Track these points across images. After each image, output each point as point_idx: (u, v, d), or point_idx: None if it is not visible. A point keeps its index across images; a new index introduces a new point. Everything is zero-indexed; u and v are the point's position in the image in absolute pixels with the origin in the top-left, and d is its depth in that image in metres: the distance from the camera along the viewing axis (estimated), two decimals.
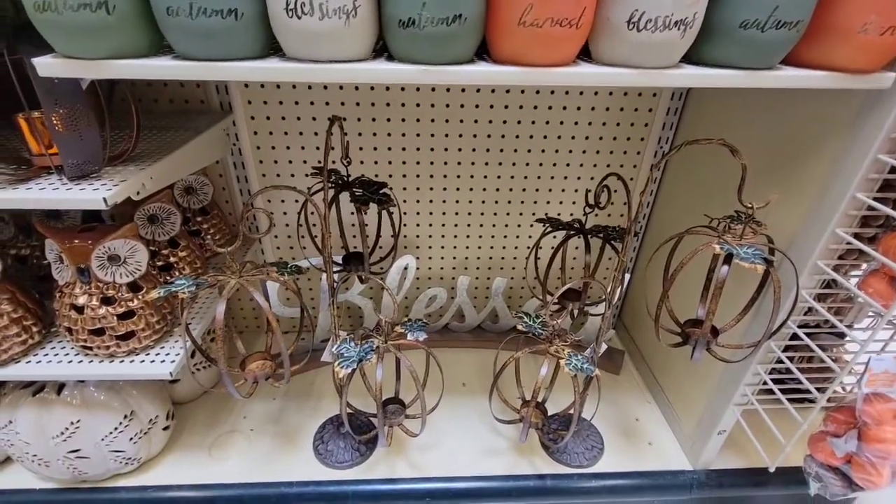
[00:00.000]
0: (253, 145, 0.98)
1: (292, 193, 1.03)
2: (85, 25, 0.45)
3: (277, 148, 0.98)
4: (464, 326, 1.23)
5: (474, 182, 1.06)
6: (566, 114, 0.97)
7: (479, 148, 1.01)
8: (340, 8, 0.46)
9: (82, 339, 0.70)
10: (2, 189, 0.57)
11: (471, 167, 1.03)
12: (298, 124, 0.96)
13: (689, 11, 0.48)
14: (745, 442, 0.94)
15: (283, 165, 1.01)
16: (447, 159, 1.02)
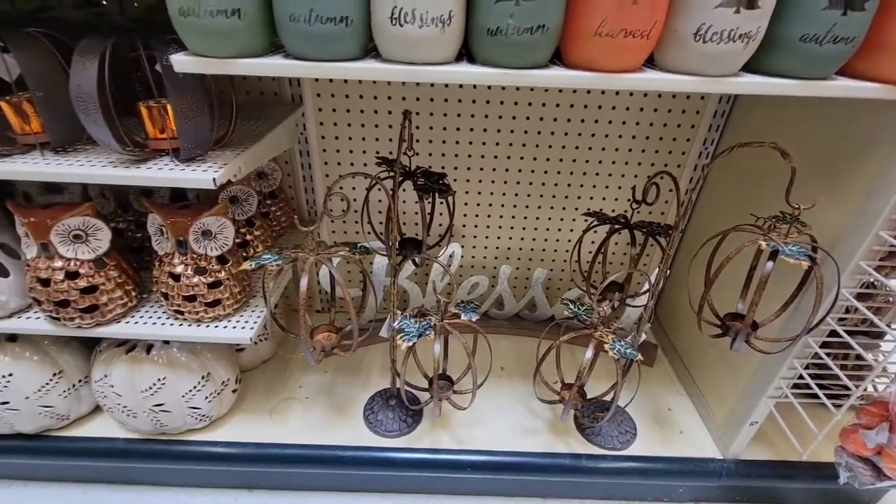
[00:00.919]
0: (318, 135, 1.05)
1: (349, 181, 1.11)
2: (219, 29, 0.52)
3: (340, 138, 1.06)
4: (502, 314, 1.29)
5: (520, 176, 1.11)
6: (614, 113, 1.02)
7: (529, 143, 1.06)
8: (437, 18, 0.52)
9: (176, 305, 0.79)
10: (125, 168, 0.65)
11: (519, 161, 1.09)
12: (361, 116, 1.03)
13: (753, 25, 0.52)
14: (774, 435, 0.99)
15: (345, 154, 1.08)
16: (496, 153, 1.08)
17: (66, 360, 0.92)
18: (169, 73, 0.59)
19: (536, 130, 1.04)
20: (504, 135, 1.05)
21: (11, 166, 0.64)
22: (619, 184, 1.12)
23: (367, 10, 0.54)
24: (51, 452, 0.95)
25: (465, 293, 1.23)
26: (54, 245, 0.73)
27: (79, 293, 0.75)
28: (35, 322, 0.81)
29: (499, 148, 1.07)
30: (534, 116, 1.02)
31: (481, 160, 1.09)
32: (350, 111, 1.02)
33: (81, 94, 0.58)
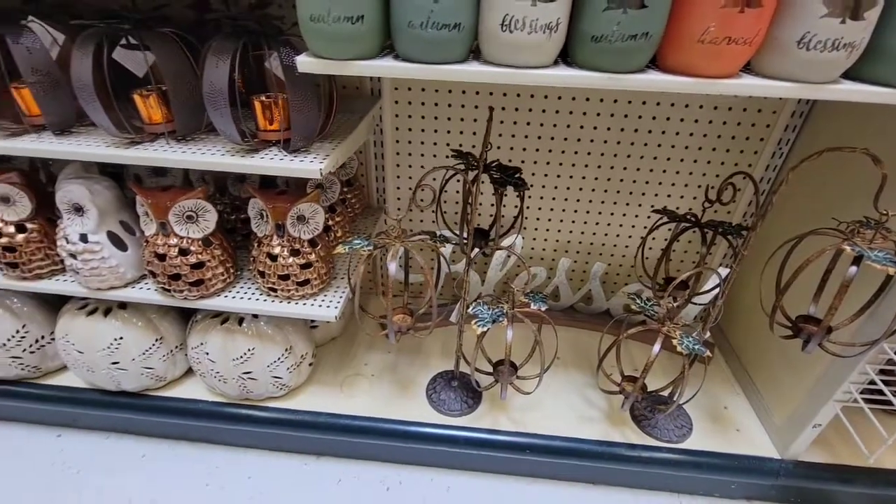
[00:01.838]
0: (393, 126, 1.10)
1: (418, 171, 1.16)
2: (343, 33, 0.57)
3: (413, 129, 1.10)
4: (557, 305, 1.32)
5: (585, 171, 1.13)
6: (687, 111, 1.02)
7: (596, 139, 1.08)
8: (546, 25, 0.55)
9: (271, 282, 0.87)
10: (241, 157, 0.72)
11: (585, 156, 1.11)
12: (435, 109, 1.07)
13: (857, 35, 0.53)
14: (835, 439, 0.99)
15: (416, 146, 1.13)
16: (563, 147, 1.10)
17: (165, 328, 1.02)
18: (288, 72, 0.65)
19: (606, 126, 1.06)
20: (573, 130, 1.07)
21: (144, 153, 0.72)
22: (686, 181, 1.13)
23: (477, 16, 0.57)
24: (148, 409, 1.05)
25: (522, 283, 1.26)
26: (171, 224, 0.81)
27: (189, 268, 0.83)
28: (146, 292, 0.90)
29: (566, 143, 1.09)
30: (604, 112, 1.04)
31: (548, 154, 1.11)
32: (424, 104, 1.07)
33: (213, 91, 0.65)
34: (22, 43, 0.68)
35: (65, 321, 0.97)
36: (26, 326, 1.01)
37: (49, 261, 0.90)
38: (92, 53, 0.65)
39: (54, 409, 1.10)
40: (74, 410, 1.09)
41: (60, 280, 0.92)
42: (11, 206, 0.84)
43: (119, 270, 0.87)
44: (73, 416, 1.12)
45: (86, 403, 1.07)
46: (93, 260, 0.84)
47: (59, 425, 1.14)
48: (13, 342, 1.00)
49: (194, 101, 0.71)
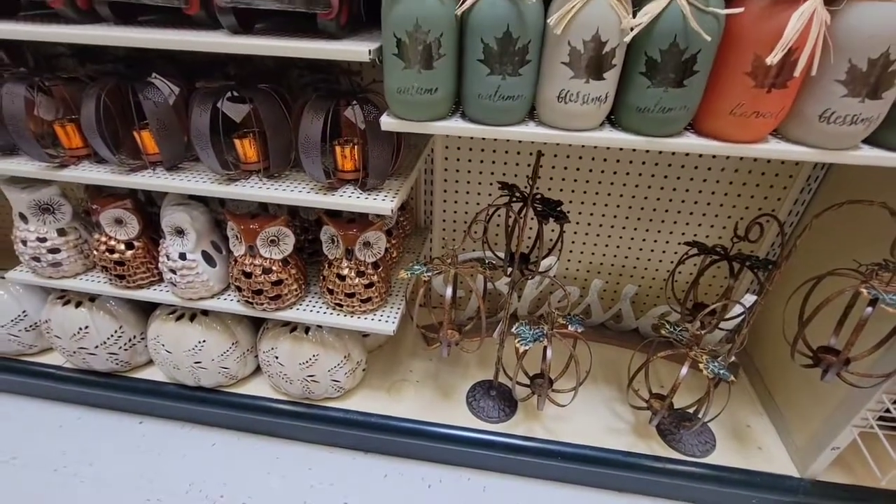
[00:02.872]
0: (443, 157, 1.21)
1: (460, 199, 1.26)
2: (421, 102, 0.68)
3: (461, 160, 1.21)
4: (588, 322, 1.40)
5: (620, 199, 1.21)
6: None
7: (632, 171, 1.16)
8: (597, 97, 0.65)
9: (339, 299, 0.99)
10: (324, 195, 0.84)
11: (621, 186, 1.19)
12: (482, 143, 1.17)
13: (874, 112, 0.61)
14: (852, 461, 1.05)
15: (463, 174, 1.23)
16: (601, 179, 1.19)
17: (240, 333, 1.15)
18: (369, 126, 0.76)
19: (641, 160, 1.14)
20: (610, 164, 1.16)
21: (243, 189, 0.85)
22: (716, 212, 1.20)
23: (535, 89, 0.68)
24: (221, 404, 1.19)
25: (556, 300, 1.36)
26: (257, 247, 0.94)
27: (270, 285, 0.96)
28: (230, 303, 1.03)
29: (603, 175, 1.18)
30: (641, 151, 1.12)
31: (586, 184, 1.20)
32: (473, 138, 1.17)
33: (307, 142, 0.77)
34: (149, 97, 0.81)
35: (157, 324, 1.12)
36: (122, 327, 1.16)
37: (149, 273, 1.04)
38: (210, 109, 0.77)
39: (140, 400, 1.25)
40: (156, 402, 1.24)
41: (157, 290, 1.06)
42: (123, 227, 0.99)
43: (209, 284, 1.01)
44: (154, 407, 1.27)
45: (167, 396, 1.21)
46: (189, 275, 0.98)
47: (142, 413, 1.29)
48: (112, 340, 1.15)
49: (286, 144, 0.84)
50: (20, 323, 1.21)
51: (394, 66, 0.66)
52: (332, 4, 0.66)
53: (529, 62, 0.64)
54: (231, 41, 0.69)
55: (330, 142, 0.85)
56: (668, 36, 0.59)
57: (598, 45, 0.61)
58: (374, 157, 0.80)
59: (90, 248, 1.07)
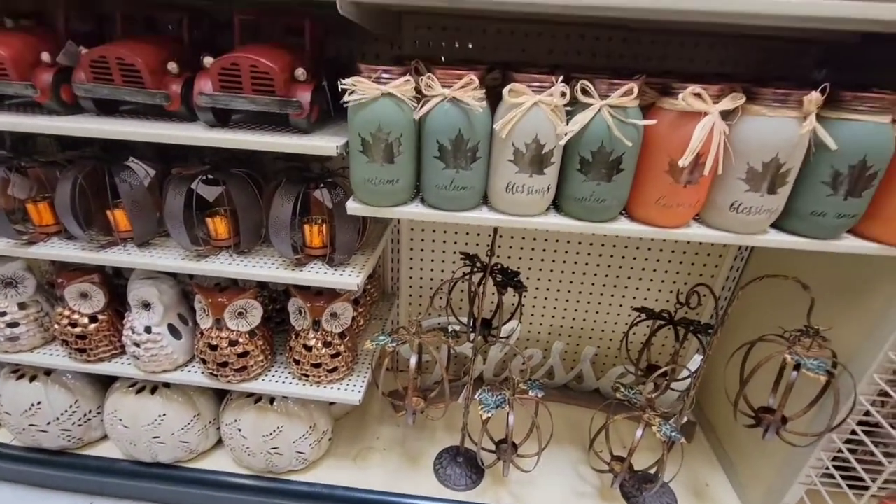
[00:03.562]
0: (408, 228, 1.28)
1: (426, 266, 1.32)
2: (384, 190, 0.75)
3: (426, 230, 1.28)
4: (552, 383, 1.44)
5: (576, 267, 1.30)
6: None
7: (584, 241, 1.26)
8: (540, 189, 0.73)
9: (305, 369, 1.00)
10: (291, 271, 0.88)
11: (575, 255, 1.28)
12: None
13: (774, 204, 0.71)
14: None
15: (428, 243, 1.30)
16: (556, 248, 1.27)
17: (202, 405, 1.14)
18: (337, 207, 0.82)
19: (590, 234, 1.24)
20: (563, 235, 1.25)
21: (212, 265, 0.88)
22: (662, 279, 1.29)
23: (486, 180, 0.76)
24: (180, 481, 1.15)
25: (520, 363, 1.40)
26: (224, 320, 0.95)
27: (236, 357, 0.97)
28: (194, 375, 1.03)
29: (558, 244, 1.27)
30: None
31: (542, 252, 1.28)
32: None
33: (277, 223, 0.82)
34: (125, 179, 0.85)
35: (115, 398, 1.09)
36: (78, 402, 1.13)
37: (111, 346, 1.04)
38: (184, 192, 0.82)
39: (90, 479, 1.19)
40: (108, 480, 1.18)
41: (118, 363, 1.05)
42: (88, 301, 0.99)
43: (173, 356, 1.01)
44: (105, 486, 1.20)
45: (121, 473, 1.16)
46: (153, 348, 0.98)
47: (92, 493, 1.22)
48: (65, 415, 1.11)
49: (257, 222, 0.89)
50: None
51: (359, 160, 0.73)
52: (304, 107, 0.73)
53: (479, 158, 0.72)
54: (209, 136, 0.75)
55: (300, 219, 0.90)
56: (596, 141, 0.69)
57: (538, 146, 0.70)
58: (341, 235, 0.85)
59: (51, 321, 1.06)
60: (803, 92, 0.64)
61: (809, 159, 0.69)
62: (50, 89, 0.77)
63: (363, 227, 0.93)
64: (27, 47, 0.77)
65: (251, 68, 0.71)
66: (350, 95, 0.69)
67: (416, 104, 0.71)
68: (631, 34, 1.02)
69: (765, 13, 0.61)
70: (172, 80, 0.77)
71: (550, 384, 1.44)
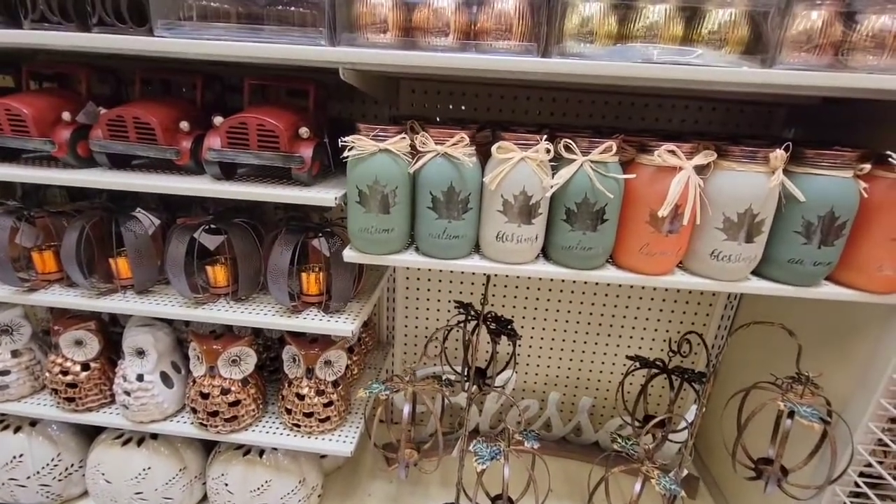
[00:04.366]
0: (404, 276, 1.30)
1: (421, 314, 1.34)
2: (380, 239, 0.78)
3: (422, 279, 1.31)
4: (550, 436, 1.41)
5: (569, 315, 1.31)
6: None
7: (577, 290, 1.28)
8: (528, 238, 0.76)
9: (297, 419, 0.99)
10: (287, 318, 0.89)
11: (568, 304, 1.30)
12: None
13: (752, 252, 0.74)
14: None
15: (423, 292, 1.32)
16: (550, 297, 1.29)
17: (189, 458, 1.10)
18: (334, 256, 0.85)
19: (582, 283, 1.26)
20: (556, 283, 1.27)
21: (211, 312, 0.90)
22: (655, 327, 1.30)
23: (478, 230, 0.79)
24: None
25: (516, 414, 1.37)
26: (218, 367, 0.95)
27: (227, 406, 0.96)
28: (183, 426, 1.01)
29: (551, 293, 1.29)
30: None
31: (535, 301, 1.30)
32: None
33: (275, 271, 0.84)
34: (131, 229, 0.89)
35: (100, 450, 1.06)
36: (61, 455, 1.09)
37: (101, 395, 1.03)
38: (187, 241, 0.85)
39: None
40: None
41: (106, 412, 1.03)
42: (82, 349, 0.99)
43: (163, 406, 1.00)
44: None
45: None
46: (144, 396, 0.97)
47: None
48: (46, 470, 1.08)
49: (255, 271, 0.91)
50: None
51: (356, 211, 0.76)
52: (306, 162, 0.78)
53: (471, 209, 0.76)
54: (217, 188, 0.79)
55: (298, 267, 0.93)
56: (580, 193, 0.73)
57: (525, 198, 0.74)
58: (338, 283, 0.87)
59: (42, 370, 1.06)
60: (769, 150, 0.70)
61: (782, 210, 0.73)
62: (67, 145, 0.82)
63: (359, 275, 0.95)
64: (49, 107, 0.82)
65: (258, 126, 0.76)
66: (350, 151, 0.74)
67: (410, 159, 0.76)
68: (612, 97, 1.10)
69: (718, 80, 0.67)
70: (183, 137, 0.83)
71: (548, 437, 1.41)
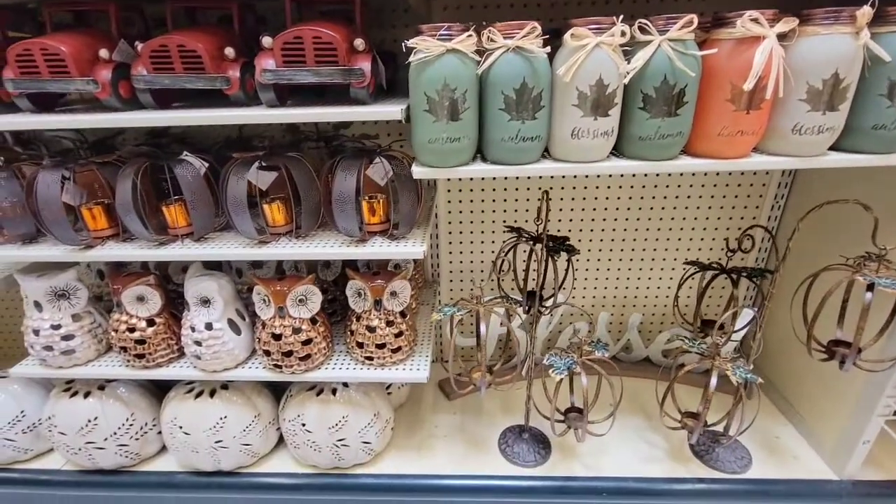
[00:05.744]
0: (446, 211, 1.28)
1: (465, 248, 1.33)
2: (449, 150, 0.76)
3: (464, 212, 1.29)
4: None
5: (615, 234, 1.31)
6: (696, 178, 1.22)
7: (622, 207, 1.27)
8: (605, 132, 0.74)
9: (369, 352, 0.99)
10: (356, 247, 0.88)
11: (613, 222, 1.29)
12: (482, 193, 1.26)
13: (835, 122, 0.73)
14: (883, 456, 1.07)
15: (466, 226, 1.30)
16: (594, 216, 1.28)
17: (262, 404, 1.12)
18: (398, 178, 0.83)
19: (628, 194, 1.25)
20: (602, 195, 1.26)
21: (276, 250, 0.88)
22: (701, 235, 1.30)
23: (549, 130, 0.77)
24: (247, 487, 1.12)
25: (567, 337, 1.39)
26: (287, 307, 0.95)
27: (300, 345, 0.96)
28: (257, 371, 1.01)
29: (595, 212, 1.28)
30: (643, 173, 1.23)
31: (580, 222, 1.29)
32: (473, 190, 1.26)
33: (341, 197, 0.82)
34: (184, 172, 0.86)
35: (173, 405, 1.07)
36: (134, 415, 1.10)
37: (170, 350, 1.02)
38: (246, 177, 0.83)
39: (151, 496, 1.15)
40: (169, 495, 1.14)
41: (177, 366, 1.03)
42: (145, 305, 0.98)
43: (234, 353, 1.00)
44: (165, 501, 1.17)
45: (182, 486, 1.13)
46: (215, 344, 0.97)
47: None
48: (122, 430, 1.09)
49: (315, 205, 0.89)
50: (17, 424, 1.13)
51: (424, 121, 0.74)
52: (366, 75, 0.75)
53: (543, 107, 0.74)
54: (282, 112, 0.76)
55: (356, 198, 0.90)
56: (658, 76, 0.70)
57: (601, 87, 0.71)
58: (403, 206, 0.86)
59: (105, 331, 1.05)
60: (854, 8, 0.67)
61: (865, 75, 0.71)
62: (110, 84, 0.78)
63: (419, 197, 0.93)
64: (85, 46, 0.78)
65: (314, 39, 0.72)
66: (415, 55, 0.70)
67: (477, 60, 0.72)
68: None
69: None
70: (229, 65, 0.78)
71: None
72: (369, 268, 1.12)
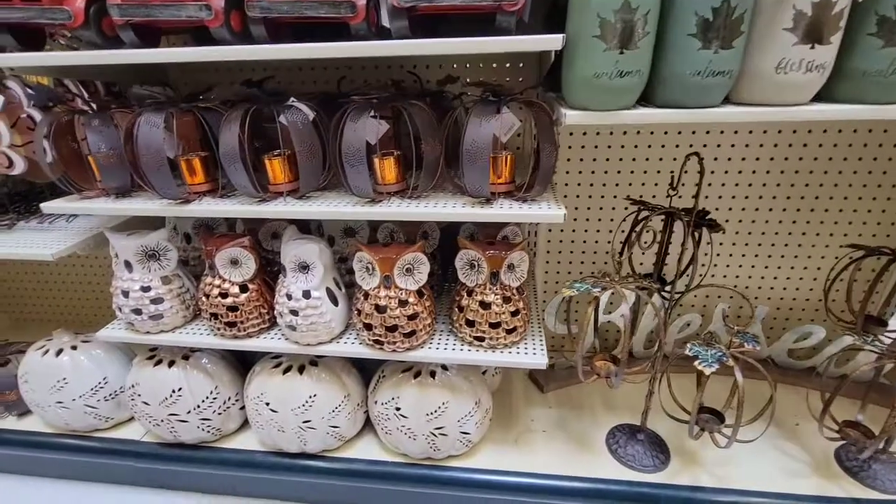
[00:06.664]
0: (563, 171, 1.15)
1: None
2: (616, 87, 0.63)
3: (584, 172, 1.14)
4: None
5: (743, 213, 1.14)
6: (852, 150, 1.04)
7: (758, 176, 1.10)
8: (821, 65, 0.59)
9: (480, 331, 0.88)
10: (480, 208, 0.76)
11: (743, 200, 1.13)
12: (592, 164, 1.12)
13: None
14: None
15: (585, 189, 1.16)
16: (735, 193, 1.12)
17: (351, 385, 1.02)
18: (544, 130, 0.71)
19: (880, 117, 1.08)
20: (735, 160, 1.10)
21: (389, 209, 0.78)
22: (850, 219, 1.12)
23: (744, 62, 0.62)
24: (333, 473, 1.03)
25: (676, 331, 1.24)
26: (393, 276, 0.84)
27: (406, 319, 0.86)
28: (354, 346, 0.92)
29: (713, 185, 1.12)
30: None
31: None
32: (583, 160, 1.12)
33: (474, 147, 0.70)
34: (293, 119, 0.76)
35: (260, 380, 0.99)
36: (218, 388, 1.03)
37: (261, 319, 0.94)
38: (364, 125, 0.72)
39: (231, 475, 1.08)
40: (250, 475, 1.07)
41: (267, 338, 0.95)
42: (238, 269, 0.90)
43: (331, 325, 0.90)
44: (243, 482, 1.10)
45: (264, 467, 1.06)
46: (313, 315, 0.88)
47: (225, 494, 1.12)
48: (206, 403, 1.02)
49: (435, 159, 0.78)
50: (100, 391, 1.09)
51: (593, 49, 0.61)
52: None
53: (743, 33, 0.59)
54: (425, 42, 0.65)
55: None
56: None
57: (825, 5, 0.56)
58: (544, 160, 0.73)
59: (193, 297, 0.98)
60: None
61: None
62: (223, 12, 0.69)
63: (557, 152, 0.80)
64: None
65: None
66: None
67: None
68: None
69: None
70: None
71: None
72: (472, 238, 1.00)
